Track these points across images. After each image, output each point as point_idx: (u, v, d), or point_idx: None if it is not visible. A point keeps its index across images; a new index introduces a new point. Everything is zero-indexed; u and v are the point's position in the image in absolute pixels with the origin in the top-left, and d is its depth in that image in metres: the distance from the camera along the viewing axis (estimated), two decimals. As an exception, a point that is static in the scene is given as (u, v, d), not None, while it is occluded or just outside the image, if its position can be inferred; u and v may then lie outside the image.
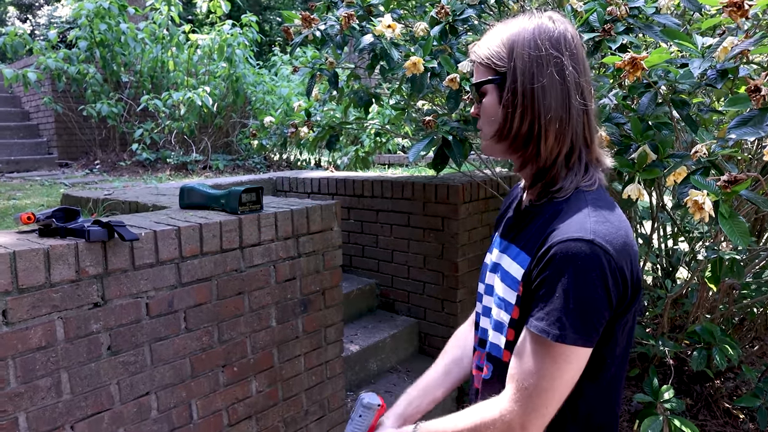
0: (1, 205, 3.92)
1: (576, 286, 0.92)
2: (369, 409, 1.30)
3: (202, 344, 1.85)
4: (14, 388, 1.43)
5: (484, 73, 1.07)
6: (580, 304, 0.92)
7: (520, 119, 1.02)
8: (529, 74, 1.01)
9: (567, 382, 0.97)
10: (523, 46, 1.02)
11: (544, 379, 0.96)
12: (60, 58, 6.56)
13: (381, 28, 2.20)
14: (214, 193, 2.02)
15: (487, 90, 1.07)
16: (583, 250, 0.92)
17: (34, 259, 1.43)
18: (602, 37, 2.00)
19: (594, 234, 0.93)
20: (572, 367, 0.95)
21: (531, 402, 0.97)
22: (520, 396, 0.98)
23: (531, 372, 0.96)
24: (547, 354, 0.95)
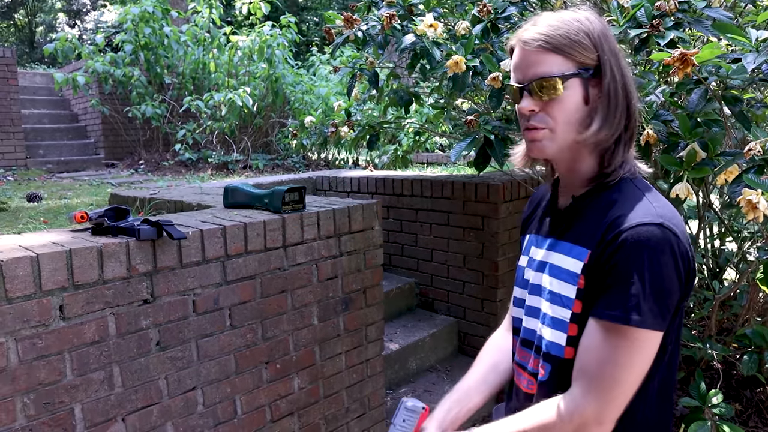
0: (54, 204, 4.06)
1: (651, 270, 0.91)
2: (413, 413, 1.28)
3: (246, 341, 1.88)
4: (70, 380, 1.48)
5: (562, 63, 0.98)
6: (655, 287, 0.91)
7: (625, 119, 1.00)
8: (621, 69, 0.99)
9: (643, 370, 0.95)
10: (606, 37, 0.98)
11: (621, 368, 0.94)
12: (107, 61, 6.77)
13: (423, 28, 2.20)
14: (257, 193, 2.06)
15: (570, 83, 0.99)
16: (654, 234, 0.91)
17: (89, 256, 1.48)
18: (650, 33, 1.95)
19: (662, 218, 0.93)
20: (648, 352, 0.94)
21: (607, 394, 0.95)
22: (593, 389, 0.96)
23: (605, 363, 0.94)
24: (623, 341, 0.93)
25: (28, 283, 1.39)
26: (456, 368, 3.10)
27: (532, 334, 1.15)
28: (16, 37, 18.01)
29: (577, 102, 0.99)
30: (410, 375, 2.97)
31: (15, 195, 4.61)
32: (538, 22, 1.02)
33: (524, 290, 1.20)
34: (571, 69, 0.98)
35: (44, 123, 7.88)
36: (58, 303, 1.44)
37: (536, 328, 1.14)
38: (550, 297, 1.09)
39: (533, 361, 1.13)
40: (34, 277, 1.40)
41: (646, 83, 2.08)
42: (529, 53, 1.00)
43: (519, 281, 1.24)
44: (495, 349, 1.34)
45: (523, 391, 1.17)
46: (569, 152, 1.06)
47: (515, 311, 1.25)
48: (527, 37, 1.01)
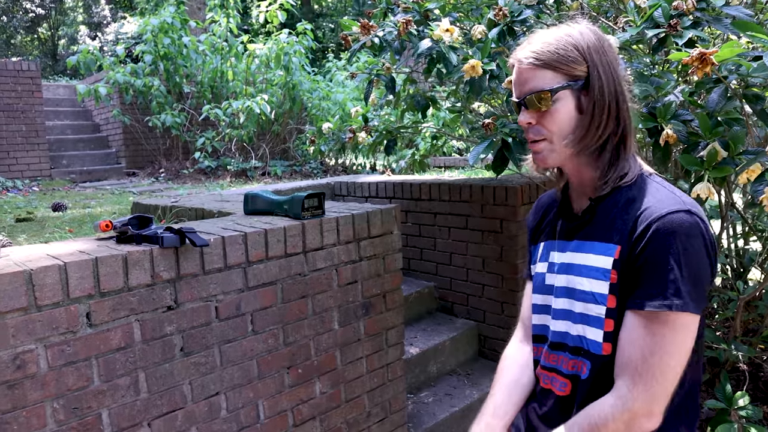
0: (78, 214, 4.14)
1: (686, 255, 0.94)
2: None
3: (268, 346, 1.90)
4: (98, 385, 1.51)
5: (553, 78, 1.04)
6: (691, 271, 0.94)
7: (605, 124, 1.04)
8: (611, 78, 1.03)
9: (686, 354, 0.97)
10: (596, 49, 1.03)
11: (667, 355, 0.95)
12: (127, 72, 6.88)
13: (439, 33, 2.21)
14: (277, 199, 2.08)
15: (561, 95, 1.04)
16: (686, 220, 0.94)
17: (114, 264, 1.51)
18: (668, 33, 1.94)
19: (689, 205, 0.96)
20: (691, 336, 0.96)
21: (654, 385, 0.96)
22: (642, 382, 0.97)
23: (650, 353, 0.96)
24: (667, 328, 0.95)
25: (56, 291, 1.42)
26: (476, 372, 3.09)
27: (564, 336, 1.16)
28: (40, 51, 18.38)
29: (570, 112, 1.05)
30: (431, 379, 2.97)
31: (40, 205, 4.70)
32: (533, 40, 1.08)
33: (548, 296, 1.22)
34: (562, 82, 1.04)
35: (67, 134, 8.03)
36: (85, 310, 1.47)
37: (568, 329, 1.15)
38: (582, 296, 1.10)
39: (569, 363, 1.13)
40: (62, 285, 1.43)
41: (665, 83, 2.06)
42: (524, 70, 1.08)
43: (538, 288, 1.25)
44: (513, 364, 1.33)
45: (555, 395, 1.17)
46: (573, 160, 1.10)
47: (538, 318, 1.25)
48: (521, 55, 1.08)
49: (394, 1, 2.71)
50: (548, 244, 1.24)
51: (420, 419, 2.63)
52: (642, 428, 0.98)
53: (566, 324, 1.15)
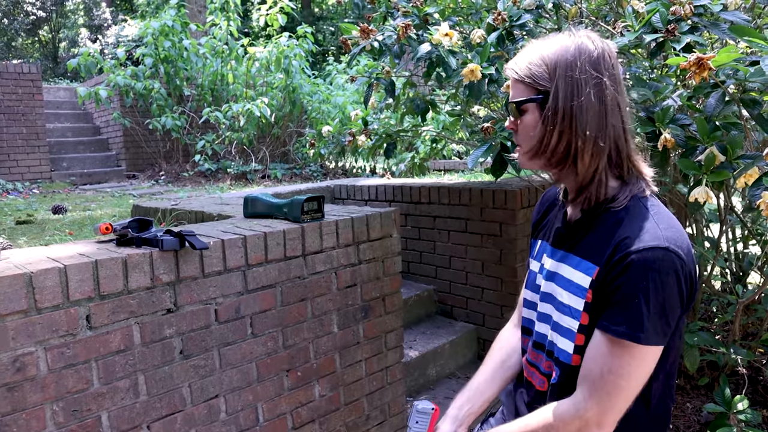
0: (78, 216, 4.14)
1: (655, 291, 0.97)
2: (424, 414, 1.34)
3: (267, 349, 1.90)
4: (97, 388, 1.51)
5: (524, 91, 1.11)
6: (659, 307, 0.98)
7: (558, 138, 1.07)
8: (570, 95, 1.05)
9: (642, 380, 1.03)
10: (564, 67, 1.06)
11: (623, 378, 1.00)
12: (128, 75, 6.90)
13: (438, 37, 2.22)
14: (277, 203, 2.08)
15: (527, 107, 1.11)
16: (659, 257, 0.97)
17: (114, 267, 1.52)
18: (666, 38, 1.95)
19: (667, 241, 0.98)
20: (649, 364, 1.01)
21: (609, 400, 1.02)
22: (596, 395, 1.03)
23: (608, 372, 1.01)
24: (626, 355, 1.00)
25: (56, 294, 1.42)
26: (476, 375, 3.09)
27: (543, 338, 1.22)
28: (41, 53, 18.41)
29: (534, 123, 1.10)
30: (430, 382, 2.98)
31: (41, 207, 4.71)
32: (519, 54, 1.14)
33: (535, 294, 1.27)
34: (530, 95, 1.10)
35: (68, 136, 8.05)
36: (85, 313, 1.48)
37: (547, 333, 1.20)
38: (560, 307, 1.15)
39: (545, 363, 1.20)
40: (62, 287, 1.43)
41: (663, 87, 2.07)
42: (511, 81, 1.16)
43: (530, 285, 1.31)
44: (504, 344, 1.41)
45: (535, 388, 1.24)
46: (539, 167, 1.16)
47: (526, 312, 1.31)
48: (507, 67, 1.16)
49: (394, 5, 2.72)
50: (543, 245, 1.29)
51: (419, 422, 2.63)
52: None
53: (546, 327, 1.21)
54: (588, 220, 1.13)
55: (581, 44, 1.06)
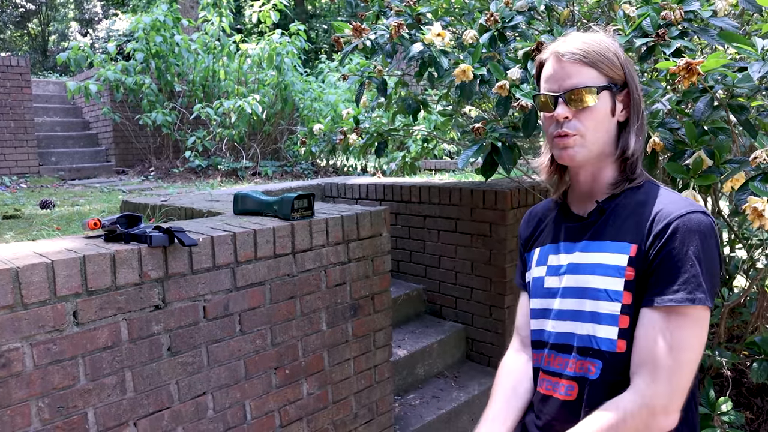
0: (66, 211, 4.11)
1: (705, 252, 0.98)
2: None
3: (255, 347, 1.90)
4: (84, 384, 1.50)
5: (596, 78, 1.09)
6: (709, 267, 0.98)
7: (636, 131, 1.11)
8: (638, 86, 1.10)
9: (702, 348, 0.99)
10: (628, 59, 1.10)
11: (687, 349, 0.97)
12: (118, 69, 6.85)
13: (431, 37, 2.22)
14: (267, 200, 2.08)
15: (600, 96, 1.09)
16: (703, 220, 0.99)
17: (102, 263, 1.51)
18: (656, 42, 1.97)
19: (702, 207, 1.02)
20: (706, 329, 0.99)
21: (675, 380, 0.97)
22: (663, 376, 0.97)
23: (671, 349, 0.97)
24: (688, 322, 0.97)
25: (43, 289, 1.42)
26: (464, 375, 3.10)
27: (569, 338, 1.15)
28: (30, 46, 18.24)
29: (606, 112, 1.10)
30: (418, 381, 2.98)
31: (28, 202, 4.67)
32: (571, 39, 1.11)
33: (547, 299, 1.21)
34: (603, 82, 1.09)
35: (56, 131, 7.98)
36: (72, 308, 1.47)
37: (575, 329, 1.14)
38: (595, 294, 1.10)
39: (576, 364, 1.12)
40: (49, 283, 1.43)
41: (653, 91, 2.09)
42: (567, 65, 1.10)
43: (537, 292, 1.25)
44: (511, 372, 1.31)
45: (559, 400, 1.15)
46: (596, 159, 1.14)
47: (536, 323, 1.24)
48: (565, 50, 1.10)
49: (387, 4, 2.72)
50: (546, 249, 1.25)
51: (407, 421, 2.64)
52: (660, 426, 0.98)
53: (573, 324, 1.14)
54: (609, 207, 1.15)
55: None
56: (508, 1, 2.35)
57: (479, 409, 2.92)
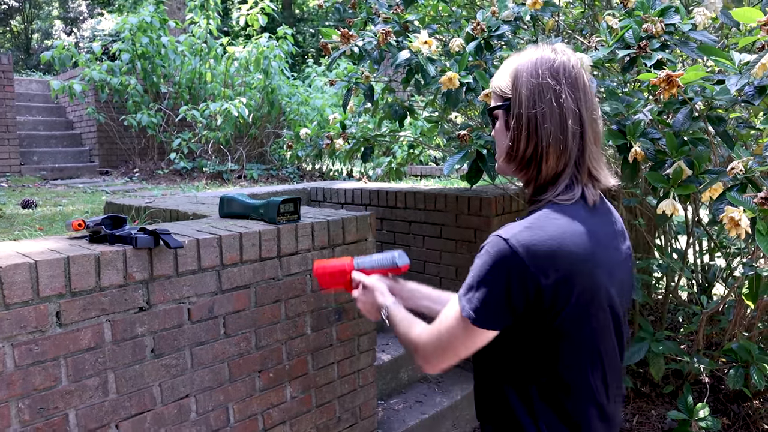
0: (49, 212, 4.08)
1: (480, 268, 1.08)
2: (393, 260, 1.51)
3: (239, 350, 1.90)
4: (65, 385, 1.50)
5: (495, 100, 1.21)
6: (476, 279, 1.09)
7: (525, 142, 1.13)
8: (531, 101, 1.12)
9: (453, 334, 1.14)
10: (525, 75, 1.13)
11: (444, 324, 1.16)
12: (104, 70, 6.80)
13: (418, 44, 2.25)
14: (253, 203, 2.09)
15: (498, 115, 1.20)
16: (493, 242, 1.07)
17: (86, 264, 1.51)
18: (638, 54, 2.01)
19: (512, 236, 1.06)
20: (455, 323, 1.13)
21: (436, 343, 1.19)
22: (432, 335, 1.20)
23: (442, 318, 1.17)
24: (454, 311, 1.14)
25: (26, 290, 1.41)
26: (447, 380, 3.12)
27: None
28: (12, 44, 18.02)
29: (501, 129, 1.19)
30: (402, 386, 3.00)
31: (9, 202, 4.62)
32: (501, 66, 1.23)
33: None
34: (497, 103, 1.20)
35: (39, 130, 7.89)
36: (55, 309, 1.47)
37: None
38: None
39: None
40: (32, 283, 1.42)
41: (635, 102, 2.13)
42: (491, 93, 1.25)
43: None
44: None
45: None
46: (511, 172, 1.21)
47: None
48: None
49: (375, 11, 2.74)
50: None
51: (390, 425, 2.65)
52: (418, 360, 1.24)
53: None
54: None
55: (543, 55, 1.13)
56: (494, 11, 2.39)
57: (462, 414, 2.94)
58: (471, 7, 3.03)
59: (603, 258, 1.10)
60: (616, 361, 1.18)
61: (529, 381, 1.13)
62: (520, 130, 1.13)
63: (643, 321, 2.81)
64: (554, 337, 1.08)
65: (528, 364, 1.12)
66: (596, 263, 1.07)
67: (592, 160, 1.14)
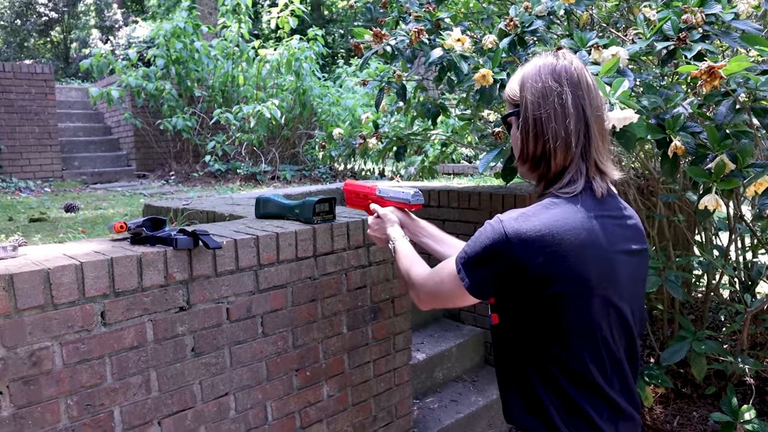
0: (91, 215, 4.19)
1: (478, 242, 1.19)
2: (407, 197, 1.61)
3: (277, 348, 1.92)
4: (110, 383, 1.54)
5: (508, 107, 1.30)
6: (474, 256, 1.19)
7: (534, 142, 1.21)
8: (536, 104, 1.20)
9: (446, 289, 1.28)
10: (530, 81, 1.22)
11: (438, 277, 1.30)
12: (139, 75, 6.95)
13: (450, 42, 2.24)
14: (288, 204, 2.11)
15: (511, 121, 1.29)
16: (491, 224, 1.18)
17: (129, 264, 1.55)
18: (677, 46, 1.96)
19: (507, 221, 1.15)
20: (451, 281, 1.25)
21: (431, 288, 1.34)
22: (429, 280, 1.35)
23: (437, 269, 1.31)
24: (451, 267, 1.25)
25: (72, 290, 1.45)
26: (482, 379, 3.10)
27: None
28: (52, 54, 18.57)
29: (515, 133, 1.27)
30: (437, 385, 2.99)
31: (53, 206, 4.76)
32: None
33: None
34: (510, 109, 1.28)
35: (79, 136, 8.12)
36: (99, 309, 1.50)
37: None
38: None
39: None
40: (78, 284, 1.46)
41: (674, 95, 2.09)
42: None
43: None
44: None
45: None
46: (527, 175, 1.28)
47: None
48: None
49: (406, 10, 2.74)
50: None
51: (425, 425, 2.64)
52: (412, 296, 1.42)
53: None
54: None
55: (546, 61, 1.22)
56: (527, 6, 2.36)
57: (498, 413, 2.91)
58: (503, 3, 3.00)
59: (601, 248, 1.15)
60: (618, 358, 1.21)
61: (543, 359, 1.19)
62: (528, 132, 1.21)
63: (683, 320, 2.75)
64: (552, 312, 1.14)
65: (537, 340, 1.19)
66: (590, 251, 1.13)
67: (598, 153, 1.20)
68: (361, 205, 1.77)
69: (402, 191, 1.65)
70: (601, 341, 1.17)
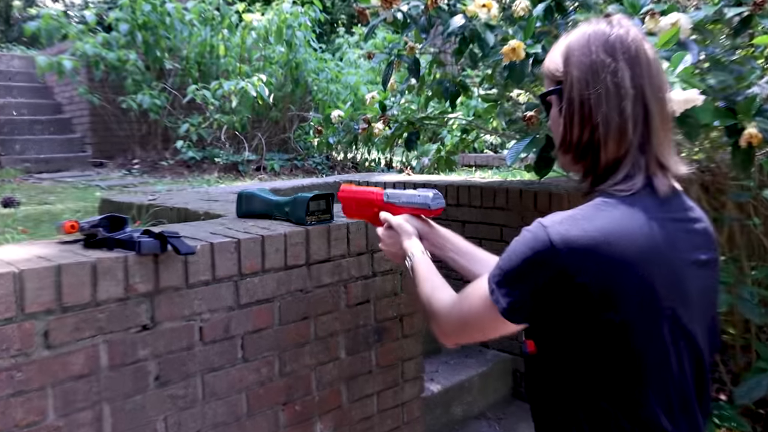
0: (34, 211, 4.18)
1: (515, 254, 1.15)
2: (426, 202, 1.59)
3: (260, 377, 1.90)
4: (52, 421, 1.51)
5: (547, 84, 1.27)
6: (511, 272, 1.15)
7: (579, 129, 1.18)
8: (584, 83, 1.17)
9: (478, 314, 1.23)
10: (577, 54, 1.19)
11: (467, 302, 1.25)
12: (98, 43, 6.95)
13: (474, 8, 2.22)
14: (276, 201, 2.09)
15: (552, 101, 1.25)
16: (530, 228, 1.14)
17: (80, 273, 1.52)
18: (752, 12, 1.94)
19: (552, 225, 1.11)
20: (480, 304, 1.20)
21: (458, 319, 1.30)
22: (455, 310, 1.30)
23: (464, 296, 1.27)
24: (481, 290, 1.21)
25: (9, 304, 1.43)
26: (510, 416, 3.08)
27: None
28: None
29: (555, 116, 1.25)
30: (454, 422, 2.97)
31: (-11, 199, 4.75)
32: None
33: None
34: (550, 87, 1.25)
35: (22, 114, 8.12)
36: (42, 328, 1.48)
37: None
38: None
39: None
40: (16, 296, 1.44)
41: (748, 72, 2.06)
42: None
43: None
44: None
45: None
46: (568, 165, 1.26)
47: None
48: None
49: (421, -32, 2.72)
50: None
51: (439, 471, 2.63)
52: (434, 329, 1.38)
53: None
54: None
55: (597, 29, 1.19)
56: (569, -37, 2.34)
57: (528, 458, 2.89)
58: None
59: (667, 259, 1.12)
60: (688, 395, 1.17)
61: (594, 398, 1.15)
62: (573, 116, 1.18)
63: (761, 347, 2.71)
64: (612, 341, 1.10)
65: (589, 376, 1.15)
66: (655, 263, 1.10)
67: (659, 145, 1.17)
68: (364, 214, 1.71)
69: (417, 194, 1.60)
70: (669, 376, 1.13)
